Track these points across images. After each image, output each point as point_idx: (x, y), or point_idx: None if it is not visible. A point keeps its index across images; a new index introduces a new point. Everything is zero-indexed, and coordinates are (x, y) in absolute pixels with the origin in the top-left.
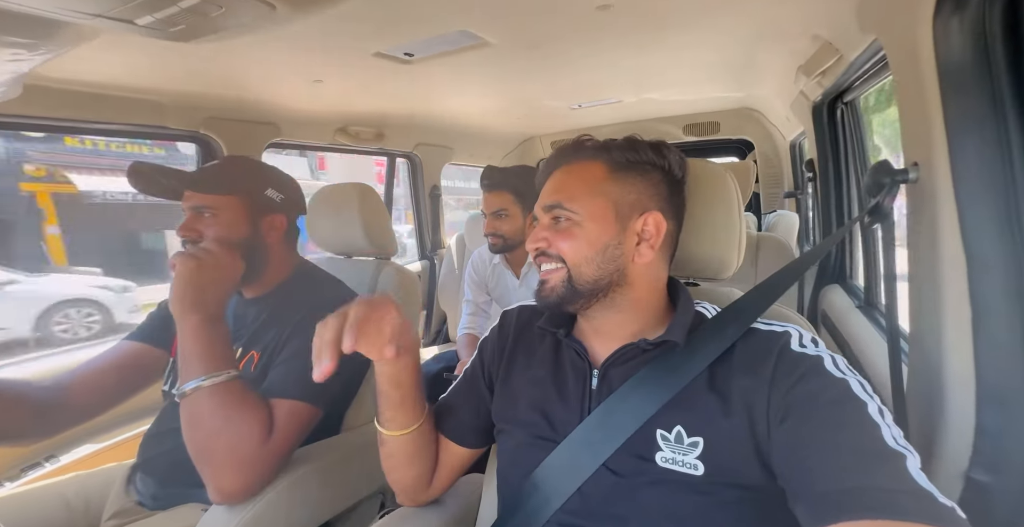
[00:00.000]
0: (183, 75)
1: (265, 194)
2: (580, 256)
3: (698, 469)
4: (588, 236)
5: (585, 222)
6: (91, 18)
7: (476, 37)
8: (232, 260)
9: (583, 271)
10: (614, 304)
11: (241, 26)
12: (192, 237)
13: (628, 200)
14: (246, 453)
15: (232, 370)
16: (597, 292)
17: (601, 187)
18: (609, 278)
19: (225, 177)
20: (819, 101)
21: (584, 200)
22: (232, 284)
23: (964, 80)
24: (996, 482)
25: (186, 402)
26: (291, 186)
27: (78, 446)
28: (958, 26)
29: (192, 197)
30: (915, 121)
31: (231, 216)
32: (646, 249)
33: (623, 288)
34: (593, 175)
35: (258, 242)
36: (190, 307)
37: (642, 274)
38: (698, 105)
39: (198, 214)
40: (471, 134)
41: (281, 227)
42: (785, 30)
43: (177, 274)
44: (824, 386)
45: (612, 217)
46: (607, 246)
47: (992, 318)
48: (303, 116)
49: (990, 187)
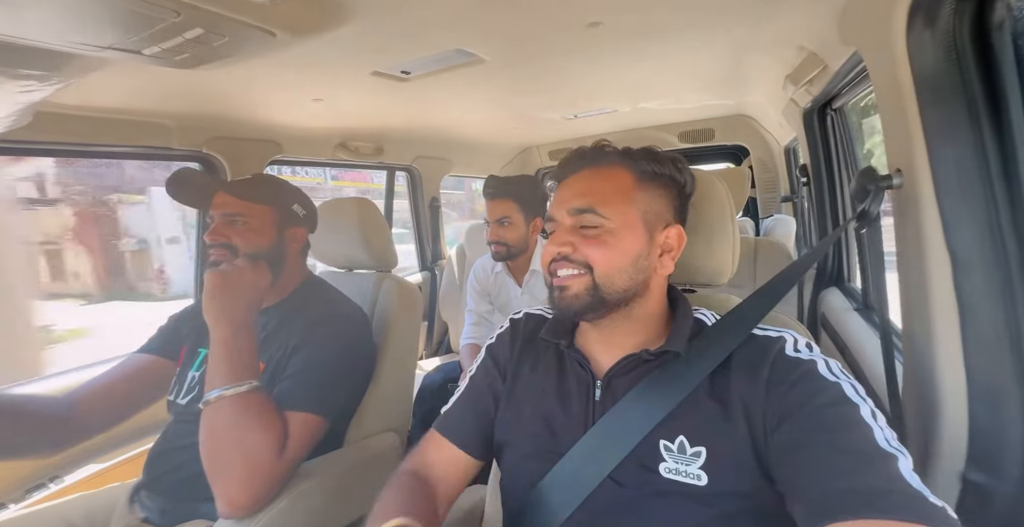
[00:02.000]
0: (187, 98)
1: (292, 208)
2: (612, 266)
3: (701, 480)
4: (622, 245)
5: (619, 230)
6: (100, 50)
7: (470, 54)
8: (258, 272)
9: (614, 281)
10: (631, 314)
11: (243, 53)
12: (221, 241)
13: (654, 210)
14: (261, 464)
15: (254, 381)
16: (622, 302)
17: (632, 195)
18: (636, 289)
19: (261, 189)
20: (809, 108)
21: (618, 207)
22: (260, 294)
23: (939, 89)
24: (993, 483)
25: (208, 410)
26: (311, 204)
27: (83, 466)
28: (930, 39)
29: (226, 204)
30: (896, 129)
31: (261, 225)
32: (668, 261)
33: (642, 298)
34: (623, 183)
35: (280, 252)
36: (220, 318)
37: (659, 285)
38: (692, 113)
39: (229, 221)
40: (469, 146)
41: (301, 240)
42: (772, 41)
43: (205, 288)
44: (818, 390)
45: (642, 227)
46: (639, 257)
47: (977, 316)
48: (304, 133)
49: (969, 190)
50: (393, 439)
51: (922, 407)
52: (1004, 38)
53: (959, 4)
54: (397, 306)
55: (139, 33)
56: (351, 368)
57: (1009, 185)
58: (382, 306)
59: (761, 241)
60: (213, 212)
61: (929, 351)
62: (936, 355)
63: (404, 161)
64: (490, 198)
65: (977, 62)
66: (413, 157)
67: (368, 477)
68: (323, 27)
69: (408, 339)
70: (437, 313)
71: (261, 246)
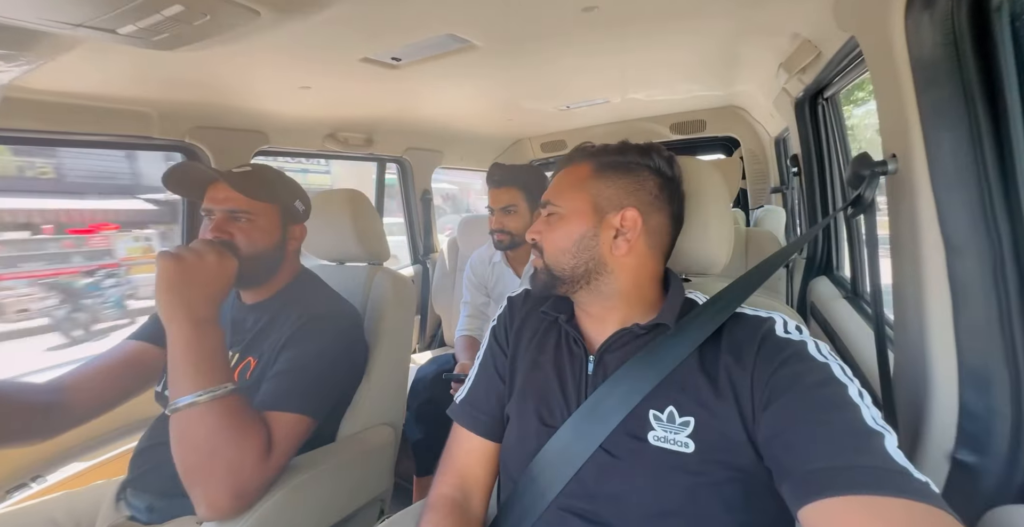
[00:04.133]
0: (168, 84)
1: (295, 205)
2: (556, 247)
3: (688, 447)
4: (567, 228)
5: (567, 215)
6: (72, 28)
7: (462, 40)
8: (220, 258)
9: (559, 260)
10: (598, 291)
11: (226, 33)
12: (224, 238)
13: (606, 195)
14: (246, 470)
15: (230, 383)
16: (577, 278)
17: (584, 184)
18: (585, 266)
19: (266, 185)
20: (801, 97)
21: (567, 195)
22: (224, 283)
23: (936, 75)
24: (980, 462)
25: (178, 418)
26: (308, 198)
27: (65, 465)
28: (928, 23)
29: (230, 200)
30: (892, 115)
31: (267, 223)
32: (622, 242)
33: (604, 277)
34: (579, 174)
35: (282, 250)
36: (175, 313)
37: (625, 265)
38: (684, 104)
39: (231, 217)
40: (461, 137)
41: (301, 237)
42: (765, 29)
43: (157, 276)
44: (808, 369)
45: (590, 211)
46: (582, 237)
47: (970, 301)
48: (291, 123)
49: (964, 175)
50: (387, 432)
51: (913, 390)
52: (1002, 21)
53: None
54: (390, 299)
55: (113, 9)
56: (342, 365)
57: (1003, 171)
58: (374, 299)
59: (752, 231)
60: (212, 206)
61: (921, 335)
62: (928, 339)
63: (395, 152)
64: (496, 186)
65: (975, 46)
66: (404, 148)
67: (362, 471)
68: (310, 7)
69: (401, 332)
70: (430, 306)
71: (266, 246)
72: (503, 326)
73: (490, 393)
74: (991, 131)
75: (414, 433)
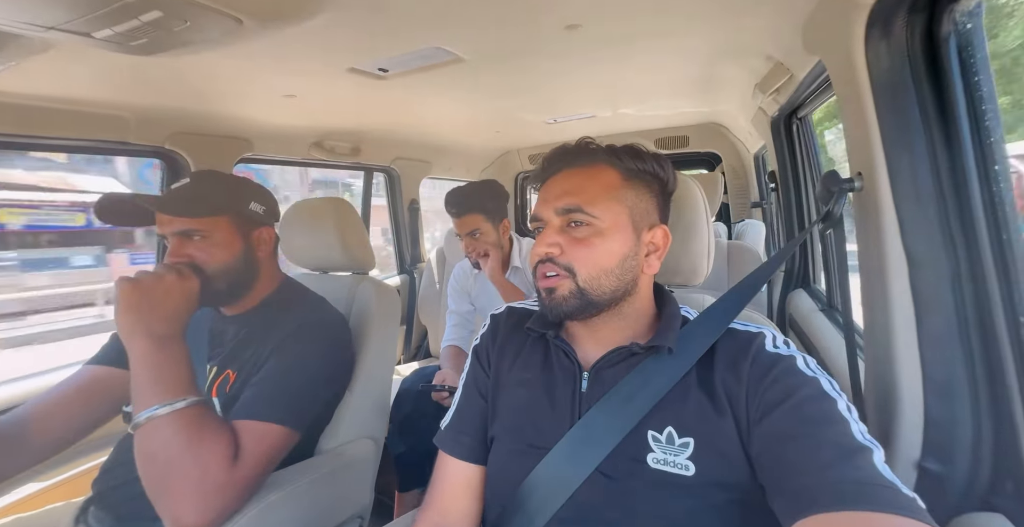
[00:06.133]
0: (146, 88)
1: (250, 208)
2: (599, 268)
3: (689, 470)
4: (610, 246)
5: (608, 230)
6: (43, 31)
7: (449, 53)
8: (179, 277)
9: (602, 283)
10: (620, 312)
11: (207, 40)
12: (184, 262)
13: (641, 209)
14: (209, 482)
15: (191, 395)
16: (612, 303)
17: (619, 194)
18: (624, 289)
19: (209, 196)
20: (776, 116)
21: (606, 206)
22: (185, 301)
23: (895, 97)
24: (945, 470)
25: (140, 433)
26: (268, 195)
27: (18, 487)
28: (886, 49)
29: (176, 222)
30: (856, 135)
31: (224, 236)
32: (655, 260)
33: (631, 297)
34: (610, 181)
35: (251, 258)
36: (134, 332)
37: (646, 284)
38: (669, 120)
39: (186, 238)
40: (449, 148)
41: (270, 240)
42: (741, 50)
43: (116, 299)
44: (798, 385)
45: (630, 227)
46: (626, 257)
47: (931, 313)
48: (276, 130)
49: (923, 193)
50: (369, 446)
51: (882, 401)
52: (951, 49)
53: (911, 17)
54: (374, 309)
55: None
56: (326, 375)
57: (957, 188)
58: (359, 309)
59: (733, 244)
60: (162, 230)
61: (888, 347)
62: (894, 351)
63: (382, 162)
64: (456, 216)
65: (928, 71)
66: (392, 158)
67: (342, 487)
68: (294, 16)
69: (385, 344)
70: (416, 317)
71: (230, 258)
72: (485, 347)
73: (475, 416)
74: (946, 151)
75: (397, 446)
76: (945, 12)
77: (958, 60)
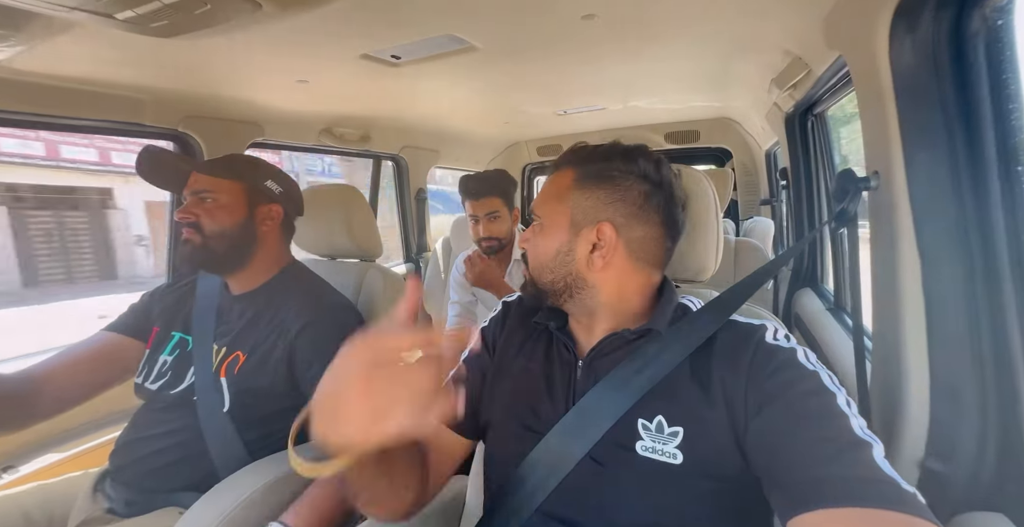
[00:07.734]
0: (163, 71)
1: (265, 184)
2: (537, 260)
3: (677, 458)
4: (544, 242)
5: (546, 228)
6: (68, 11)
7: (463, 41)
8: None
9: (541, 274)
10: (583, 303)
11: (226, 23)
12: (189, 220)
13: (583, 208)
14: None
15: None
16: (559, 292)
17: (564, 195)
18: (564, 281)
19: (231, 165)
20: (791, 112)
21: (548, 206)
22: None
23: (917, 95)
24: (948, 470)
25: None
26: (291, 183)
27: (39, 456)
28: (911, 46)
29: (196, 182)
30: (875, 133)
31: (229, 200)
32: (598, 258)
33: (586, 291)
34: (562, 183)
35: (251, 229)
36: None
37: (605, 280)
38: (679, 114)
39: (199, 199)
40: (457, 138)
41: (277, 217)
42: (759, 44)
43: None
44: (798, 378)
45: (566, 225)
46: (558, 252)
47: (942, 315)
48: (287, 116)
49: (941, 194)
50: None
51: (887, 399)
52: (979, 47)
53: (939, 12)
54: (381, 297)
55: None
56: None
57: (976, 191)
58: (366, 297)
59: (741, 242)
60: (185, 192)
61: (897, 347)
62: (903, 351)
63: (391, 150)
64: (476, 197)
65: (954, 69)
66: (400, 146)
67: None
68: (312, 2)
69: None
70: (421, 305)
71: (230, 223)
72: (492, 330)
73: (467, 387)
74: (967, 152)
75: None
76: (975, 8)
77: (985, 57)
